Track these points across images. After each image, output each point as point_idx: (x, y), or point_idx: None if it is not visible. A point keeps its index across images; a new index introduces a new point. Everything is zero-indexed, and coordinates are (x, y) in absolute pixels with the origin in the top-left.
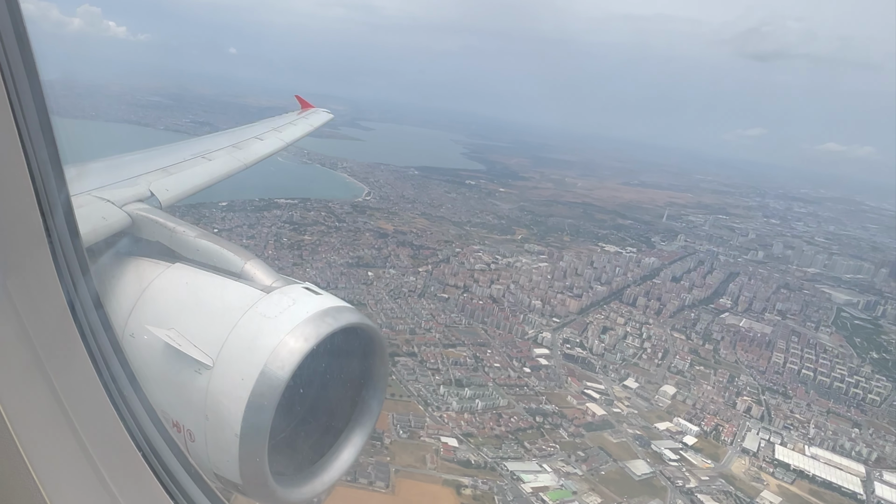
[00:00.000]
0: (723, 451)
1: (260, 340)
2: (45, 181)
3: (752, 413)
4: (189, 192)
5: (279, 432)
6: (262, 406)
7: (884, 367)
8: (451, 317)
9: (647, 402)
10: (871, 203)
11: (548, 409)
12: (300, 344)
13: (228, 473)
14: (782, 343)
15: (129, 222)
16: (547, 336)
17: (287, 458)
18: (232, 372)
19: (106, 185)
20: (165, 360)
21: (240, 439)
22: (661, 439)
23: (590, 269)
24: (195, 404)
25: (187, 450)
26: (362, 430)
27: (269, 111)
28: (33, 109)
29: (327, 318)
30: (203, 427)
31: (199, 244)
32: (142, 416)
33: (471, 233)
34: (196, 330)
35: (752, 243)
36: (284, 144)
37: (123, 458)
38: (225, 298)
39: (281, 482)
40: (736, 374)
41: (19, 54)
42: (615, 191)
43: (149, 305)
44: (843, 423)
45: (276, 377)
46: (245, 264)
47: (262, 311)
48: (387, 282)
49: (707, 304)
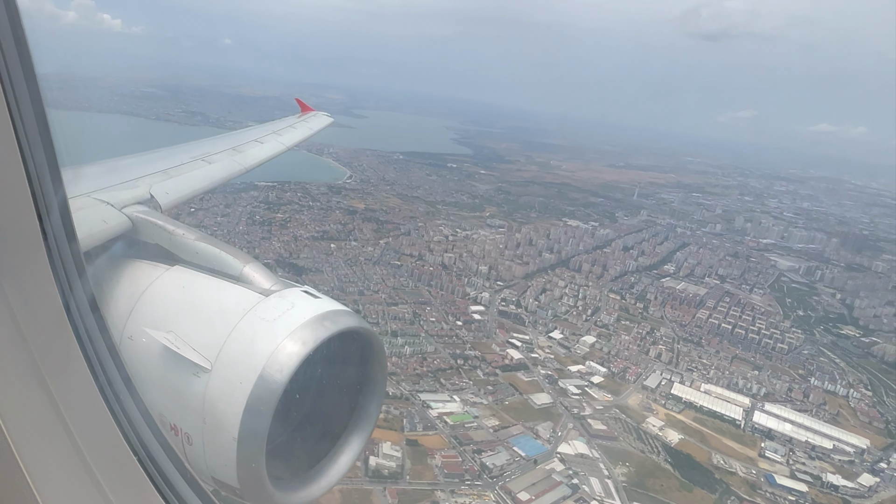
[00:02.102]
0: (624, 388)
1: (258, 344)
2: (42, 183)
3: (662, 358)
4: (189, 194)
5: (277, 436)
6: (259, 410)
7: (804, 322)
8: (399, 280)
9: (567, 350)
10: (857, 182)
11: (470, 354)
12: (298, 348)
13: (226, 477)
14: (712, 303)
15: (128, 224)
16: (486, 296)
17: (285, 462)
18: (230, 375)
19: (105, 188)
20: (163, 362)
21: (237, 443)
22: (570, 378)
23: (544, 240)
24: (193, 408)
25: (185, 453)
26: (360, 435)
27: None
28: (31, 111)
29: (325, 322)
30: (201, 430)
31: (199, 247)
32: (138, 419)
33: (441, 210)
34: (194, 333)
35: (718, 218)
36: (284, 148)
37: (119, 462)
38: (223, 301)
39: (279, 486)
40: (657, 327)
41: (17, 56)
42: (598, 172)
43: (147, 308)
44: (744, 367)
45: (274, 381)
46: (244, 267)
47: (261, 314)
48: (346, 252)
49: (651, 269)
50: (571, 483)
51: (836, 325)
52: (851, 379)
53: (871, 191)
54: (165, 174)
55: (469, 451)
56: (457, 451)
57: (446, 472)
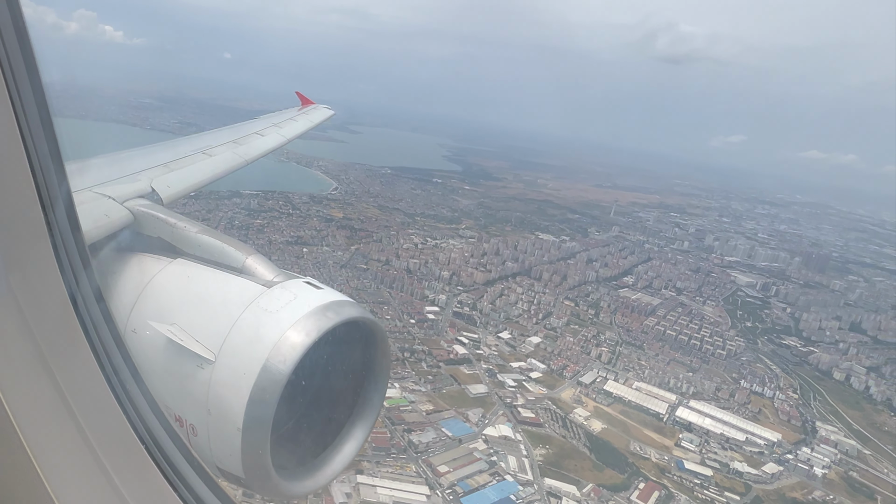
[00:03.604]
0: (560, 383)
1: (261, 335)
2: (47, 176)
3: (602, 359)
4: (190, 187)
5: (281, 426)
6: (264, 400)
7: (750, 332)
8: (363, 282)
9: (512, 349)
10: (842, 208)
11: (417, 349)
12: (302, 338)
13: (231, 467)
14: (663, 312)
15: (130, 218)
16: (443, 298)
17: (289, 451)
18: (234, 366)
19: (107, 181)
20: (167, 354)
21: (242, 433)
22: (509, 373)
23: (510, 251)
24: (197, 399)
25: (190, 444)
26: (364, 424)
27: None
28: (34, 106)
29: (329, 312)
30: (205, 421)
31: (201, 240)
32: (144, 410)
33: (417, 221)
34: (198, 325)
35: (689, 236)
36: (285, 140)
37: (127, 452)
38: (226, 293)
39: (283, 475)
40: (603, 331)
41: (20, 52)
42: (583, 191)
43: (150, 301)
44: (680, 369)
45: (278, 371)
46: (246, 259)
47: (264, 305)
48: (317, 256)
49: (610, 280)
50: (490, 460)
51: (780, 335)
52: (782, 383)
53: (854, 216)
54: (166, 167)
55: (399, 429)
56: (387, 429)
57: (374, 446)
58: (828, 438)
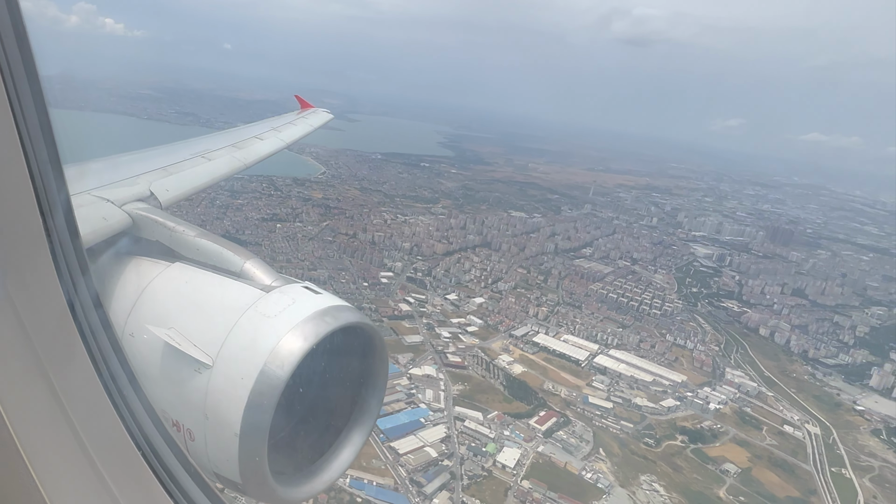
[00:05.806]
0: (493, 336)
1: (259, 340)
2: (45, 180)
3: (538, 316)
4: (189, 192)
5: (279, 431)
6: (261, 405)
7: (693, 297)
8: (327, 252)
9: (456, 308)
10: (838, 190)
11: (365, 307)
12: (300, 343)
13: (228, 472)
14: (612, 278)
15: (129, 222)
16: (398, 265)
17: (287, 457)
18: (231, 371)
19: (106, 185)
20: (165, 359)
21: (239, 438)
22: (447, 327)
23: (476, 226)
24: (195, 404)
25: (187, 449)
26: (361, 430)
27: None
28: (33, 109)
29: (326, 317)
30: (203, 426)
31: (199, 244)
32: (141, 415)
33: (395, 201)
34: (196, 329)
35: (663, 214)
36: (284, 144)
37: (123, 458)
38: (224, 298)
39: (281, 481)
40: (547, 294)
41: (19, 53)
42: (572, 175)
43: (148, 305)
44: (611, 325)
45: (276, 376)
46: (245, 264)
47: (262, 310)
48: (289, 230)
49: (568, 252)
50: (409, 392)
51: (720, 299)
52: (708, 339)
53: (847, 197)
54: (165, 171)
55: None
56: None
57: None
58: (732, 381)
